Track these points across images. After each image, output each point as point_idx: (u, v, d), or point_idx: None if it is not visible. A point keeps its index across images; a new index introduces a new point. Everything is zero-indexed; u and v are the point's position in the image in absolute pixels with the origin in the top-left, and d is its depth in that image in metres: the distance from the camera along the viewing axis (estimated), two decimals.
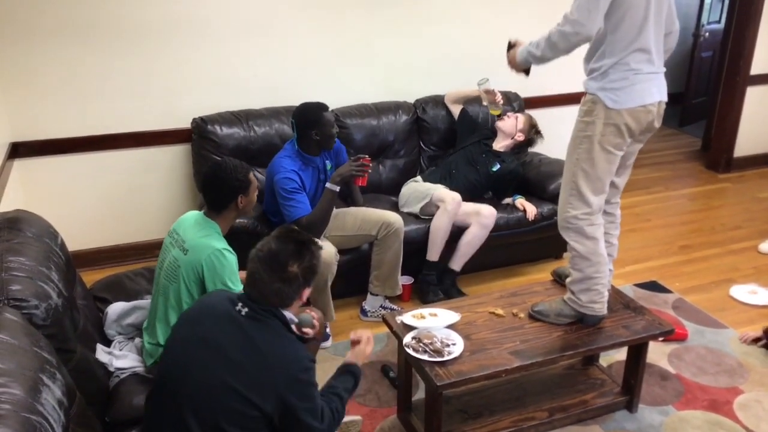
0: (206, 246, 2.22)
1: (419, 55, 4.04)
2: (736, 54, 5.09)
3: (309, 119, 3.06)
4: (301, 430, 1.72)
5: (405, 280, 3.42)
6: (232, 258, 2.23)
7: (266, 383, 1.66)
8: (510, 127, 3.78)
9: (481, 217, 3.40)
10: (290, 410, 1.68)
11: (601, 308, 2.52)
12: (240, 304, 1.75)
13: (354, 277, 3.35)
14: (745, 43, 4.99)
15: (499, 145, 3.79)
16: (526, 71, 2.50)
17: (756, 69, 5.07)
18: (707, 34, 6.10)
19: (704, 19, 6.06)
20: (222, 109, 3.64)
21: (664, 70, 2.35)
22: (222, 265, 2.19)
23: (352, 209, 3.34)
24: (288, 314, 1.81)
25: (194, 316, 1.81)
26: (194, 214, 2.39)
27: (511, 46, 2.49)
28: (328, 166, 3.21)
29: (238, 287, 2.19)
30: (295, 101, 3.72)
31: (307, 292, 1.84)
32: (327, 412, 1.81)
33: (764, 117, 5.27)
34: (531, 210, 3.61)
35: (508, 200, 3.73)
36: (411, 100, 3.99)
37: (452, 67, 4.12)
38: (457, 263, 3.49)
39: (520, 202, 3.66)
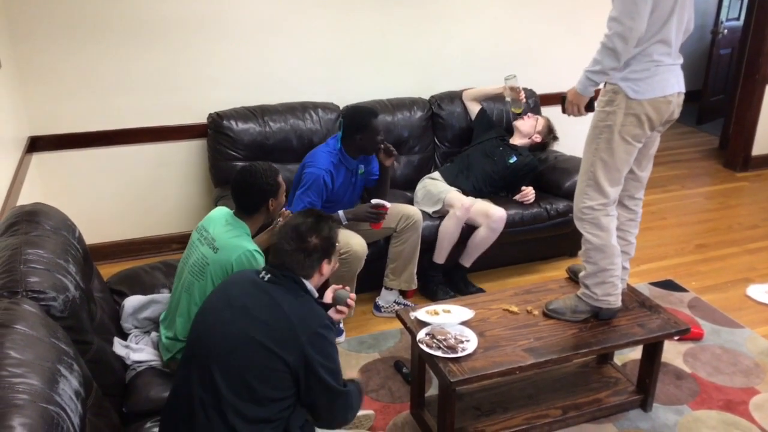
0: (238, 246, 2.24)
1: (435, 51, 4.03)
2: (755, 51, 5.03)
3: (357, 123, 3.07)
4: (322, 389, 1.78)
5: None
6: (261, 260, 2.26)
7: (289, 336, 1.73)
8: (528, 127, 3.77)
9: (490, 220, 3.38)
10: (311, 366, 1.73)
11: (616, 301, 2.52)
12: (264, 272, 1.87)
13: (367, 274, 3.36)
14: (765, 40, 4.93)
15: (516, 142, 3.78)
16: (589, 107, 2.40)
17: None
18: (726, 31, 6.03)
19: (723, 16, 5.98)
20: (238, 104, 3.66)
21: (681, 61, 2.34)
22: (252, 266, 2.21)
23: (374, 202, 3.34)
24: (308, 285, 1.88)
25: (221, 288, 1.92)
26: (224, 213, 2.40)
27: (563, 100, 2.42)
28: (360, 170, 3.23)
29: None
30: (311, 97, 3.73)
31: (327, 267, 1.93)
32: (351, 386, 1.88)
33: None
34: (527, 193, 3.60)
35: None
36: (426, 96, 3.98)
37: (468, 64, 4.12)
38: (466, 260, 3.50)
39: (526, 188, 3.64)
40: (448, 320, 2.42)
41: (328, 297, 2.10)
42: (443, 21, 3.99)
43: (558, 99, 4.31)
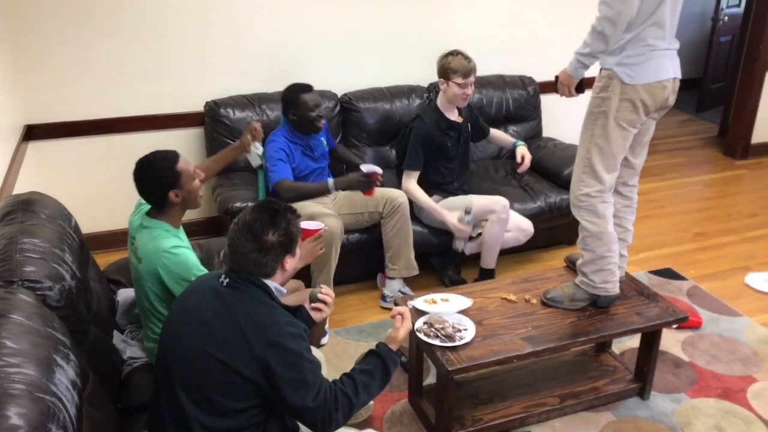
0: (155, 251, 2.10)
1: (435, 38, 3.99)
2: (756, 39, 5.00)
3: (286, 99, 3.16)
4: (286, 407, 1.69)
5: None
6: (183, 251, 2.11)
7: (241, 347, 1.64)
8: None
9: (523, 234, 3.42)
10: (271, 379, 1.64)
11: (614, 288, 2.52)
12: (223, 275, 1.77)
13: (367, 261, 3.35)
14: (765, 27, 4.90)
15: (452, 117, 3.40)
16: (579, 88, 2.40)
17: None
18: (726, 18, 6.00)
19: (723, 3, 5.95)
20: (235, 92, 3.63)
21: (678, 47, 2.32)
22: (176, 264, 2.09)
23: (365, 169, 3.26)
24: (272, 284, 1.78)
25: (183, 297, 1.84)
26: (139, 216, 2.24)
27: (557, 80, 2.43)
28: (324, 143, 3.31)
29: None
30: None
31: (290, 261, 1.80)
32: (331, 394, 1.73)
33: None
34: (526, 164, 3.40)
35: (508, 144, 3.61)
36: (424, 83, 3.96)
37: (470, 51, 4.08)
38: (491, 261, 3.40)
39: (521, 151, 3.43)
40: (446, 309, 2.41)
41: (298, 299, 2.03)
42: (445, 7, 3.96)
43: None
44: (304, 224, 2.27)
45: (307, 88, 3.14)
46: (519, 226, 3.40)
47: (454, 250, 3.41)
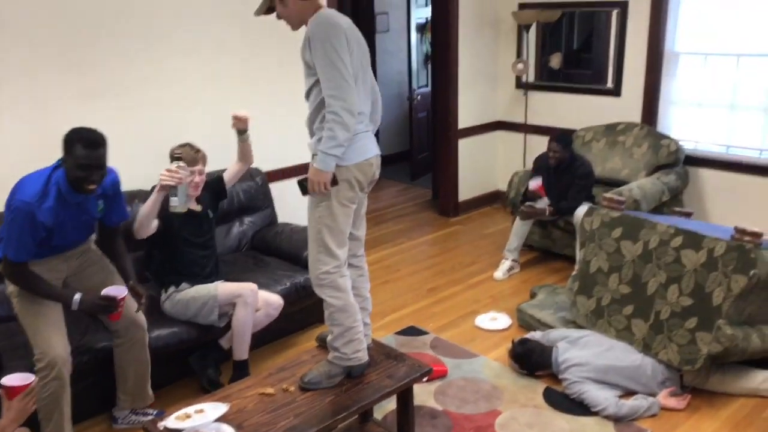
0: None
1: (145, 139, 3.89)
2: (445, 112, 5.80)
3: (64, 140, 2.56)
4: None
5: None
6: None
7: None
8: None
9: (271, 307, 3.38)
10: None
11: (364, 355, 2.65)
12: None
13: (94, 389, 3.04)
14: (449, 102, 5.72)
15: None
16: (333, 181, 2.44)
17: (462, 123, 5.82)
18: (419, 97, 6.88)
19: (414, 84, 6.83)
20: None
21: (373, 128, 2.62)
22: None
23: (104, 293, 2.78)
24: None
25: None
26: None
27: (302, 184, 2.48)
28: (100, 208, 2.79)
29: None
30: None
31: None
32: None
33: (475, 164, 6.03)
34: (243, 115, 3.37)
35: (243, 149, 3.51)
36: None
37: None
38: (243, 351, 3.29)
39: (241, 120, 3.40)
40: (202, 421, 2.28)
41: None
42: (176, 109, 3.90)
43: (285, 173, 4.48)
44: (7, 379, 1.97)
45: (89, 138, 2.53)
46: (267, 301, 3.37)
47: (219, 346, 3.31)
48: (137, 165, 3.60)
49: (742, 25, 4.48)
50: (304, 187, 2.49)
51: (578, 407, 3.07)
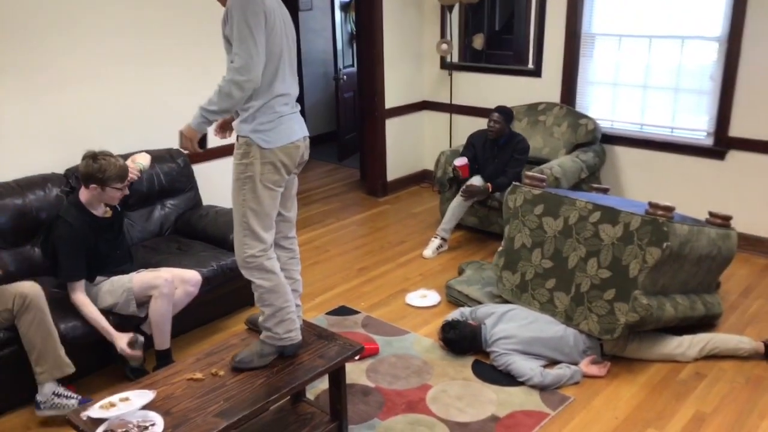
0: None
1: (64, 120, 3.70)
2: (371, 92, 5.78)
3: None
4: None
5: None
6: None
7: None
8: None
9: (188, 284, 3.27)
10: None
11: (297, 335, 2.63)
12: None
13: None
14: (375, 82, 5.70)
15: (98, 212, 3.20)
16: (202, 143, 2.48)
17: (389, 103, 5.82)
18: (345, 77, 6.82)
19: (340, 64, 6.77)
20: None
21: (299, 109, 2.58)
22: None
23: None
24: None
25: None
26: None
27: (181, 135, 2.45)
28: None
29: None
30: None
31: None
32: None
33: (402, 143, 6.07)
34: None
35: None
36: (59, 170, 3.62)
37: (103, 129, 3.87)
38: (164, 341, 3.22)
39: None
40: (127, 409, 2.20)
41: None
42: (64, 90, 3.69)
43: (206, 155, 4.36)
44: None
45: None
46: (183, 279, 3.26)
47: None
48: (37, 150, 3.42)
49: (654, 9, 4.67)
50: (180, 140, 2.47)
51: (505, 378, 3.17)
